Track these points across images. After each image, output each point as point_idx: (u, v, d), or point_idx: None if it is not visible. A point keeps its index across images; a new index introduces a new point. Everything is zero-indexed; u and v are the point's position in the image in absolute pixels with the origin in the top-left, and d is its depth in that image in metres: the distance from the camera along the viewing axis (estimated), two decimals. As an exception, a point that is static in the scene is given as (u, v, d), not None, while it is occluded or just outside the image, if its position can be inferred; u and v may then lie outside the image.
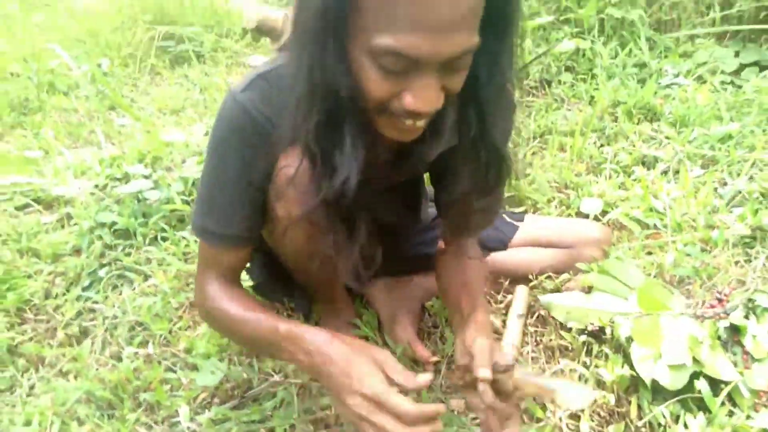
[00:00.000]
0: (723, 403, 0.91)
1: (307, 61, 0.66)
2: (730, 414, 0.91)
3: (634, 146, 1.73)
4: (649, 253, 1.31)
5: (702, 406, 0.92)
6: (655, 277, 1.19)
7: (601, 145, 1.79)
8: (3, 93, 2.34)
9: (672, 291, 1.11)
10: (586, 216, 1.46)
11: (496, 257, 1.30)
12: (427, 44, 0.60)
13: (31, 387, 1.11)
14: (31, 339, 1.21)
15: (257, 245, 0.94)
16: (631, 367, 0.96)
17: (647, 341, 0.98)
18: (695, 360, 0.94)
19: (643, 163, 1.68)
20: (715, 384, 0.93)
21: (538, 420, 0.96)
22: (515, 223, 1.30)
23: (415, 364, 1.11)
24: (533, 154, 1.81)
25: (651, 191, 1.49)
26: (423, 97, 0.65)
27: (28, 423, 1.01)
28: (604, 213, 1.46)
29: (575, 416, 0.96)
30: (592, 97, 2.05)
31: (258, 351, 1.10)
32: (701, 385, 0.91)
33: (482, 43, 0.65)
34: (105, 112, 2.29)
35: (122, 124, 2.15)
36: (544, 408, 0.97)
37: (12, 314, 1.25)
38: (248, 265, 1.07)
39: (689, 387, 0.92)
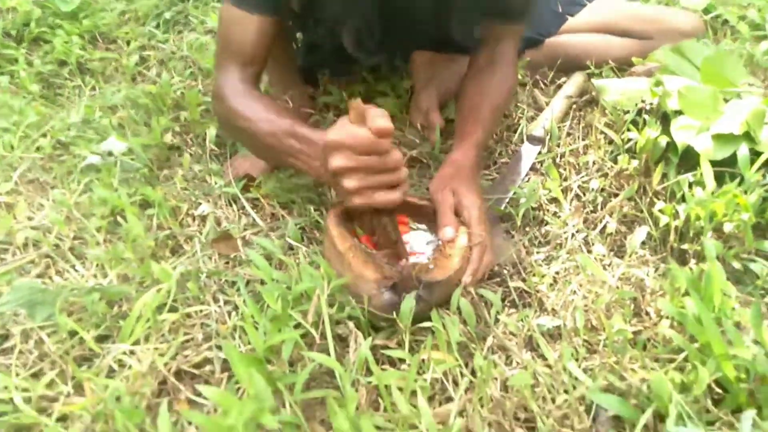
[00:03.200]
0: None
1: None
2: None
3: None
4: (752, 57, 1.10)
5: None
6: (744, 67, 1.00)
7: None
8: None
9: (749, 71, 0.93)
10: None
11: (557, 40, 1.17)
12: None
13: (92, 96, 1.22)
14: (100, 59, 1.30)
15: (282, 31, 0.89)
16: (669, 136, 0.84)
17: (698, 113, 0.85)
18: (748, 136, 0.80)
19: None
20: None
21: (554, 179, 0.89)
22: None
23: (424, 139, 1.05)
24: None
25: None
26: None
27: (79, 112, 1.12)
28: (708, 12, 1.23)
29: (587, 178, 0.89)
30: None
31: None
32: (741, 151, 0.78)
33: None
34: None
35: None
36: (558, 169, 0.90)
37: (86, 39, 1.35)
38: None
39: (729, 161, 0.79)
